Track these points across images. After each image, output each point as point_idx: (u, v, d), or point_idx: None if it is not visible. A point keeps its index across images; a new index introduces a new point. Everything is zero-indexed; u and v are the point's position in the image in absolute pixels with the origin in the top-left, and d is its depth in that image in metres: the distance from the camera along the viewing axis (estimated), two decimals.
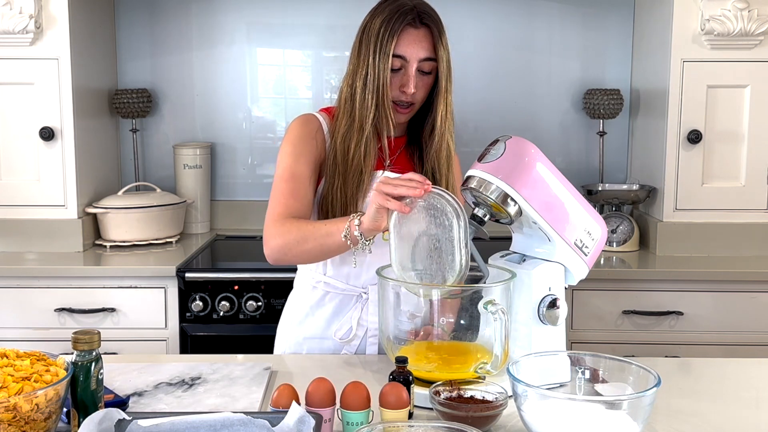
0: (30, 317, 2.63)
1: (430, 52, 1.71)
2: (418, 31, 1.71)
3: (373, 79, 1.70)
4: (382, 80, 1.70)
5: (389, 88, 1.71)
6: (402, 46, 1.69)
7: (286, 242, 1.66)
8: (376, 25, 1.70)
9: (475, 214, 1.51)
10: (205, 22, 3.23)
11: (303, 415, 1.20)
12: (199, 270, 2.64)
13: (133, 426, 1.18)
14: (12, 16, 2.69)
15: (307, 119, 1.82)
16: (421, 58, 1.71)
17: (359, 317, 1.80)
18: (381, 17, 1.70)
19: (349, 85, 1.75)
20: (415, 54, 1.70)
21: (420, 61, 1.71)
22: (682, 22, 2.75)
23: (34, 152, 2.80)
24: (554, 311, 1.51)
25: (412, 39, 1.70)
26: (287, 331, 1.90)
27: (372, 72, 1.70)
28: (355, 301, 1.81)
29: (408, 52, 1.70)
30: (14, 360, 1.26)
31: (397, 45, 1.69)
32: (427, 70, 1.73)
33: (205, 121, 3.29)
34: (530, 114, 3.27)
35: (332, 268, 1.82)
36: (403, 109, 1.75)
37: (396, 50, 1.69)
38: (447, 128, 1.80)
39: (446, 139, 1.80)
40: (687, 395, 1.55)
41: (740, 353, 2.59)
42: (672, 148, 2.80)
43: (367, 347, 1.81)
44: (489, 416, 1.32)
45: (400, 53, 1.70)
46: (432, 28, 1.72)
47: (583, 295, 2.63)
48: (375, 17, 1.72)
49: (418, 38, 1.70)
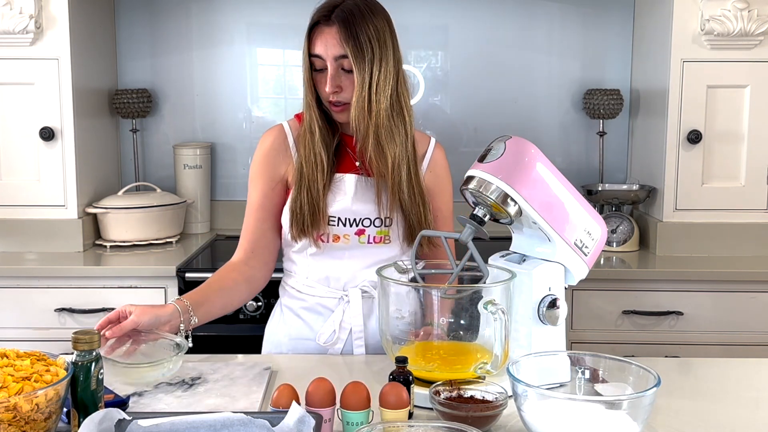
0: (30, 317, 2.63)
1: (341, 48, 1.68)
2: (330, 28, 1.69)
3: (304, 80, 1.73)
4: (307, 81, 1.72)
5: (313, 88, 1.73)
6: (316, 45, 1.70)
7: None
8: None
9: (475, 214, 1.51)
10: (205, 22, 3.23)
11: (303, 415, 1.20)
12: (199, 270, 2.64)
13: (133, 426, 1.18)
14: (12, 16, 2.69)
15: (264, 139, 1.84)
16: (336, 55, 1.68)
17: (341, 320, 1.80)
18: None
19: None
20: (329, 51, 1.68)
21: (336, 59, 1.69)
22: (682, 22, 2.75)
23: (34, 152, 2.80)
24: (554, 311, 1.51)
25: (324, 37, 1.69)
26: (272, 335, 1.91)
27: (305, 74, 1.72)
28: (336, 303, 1.81)
29: (322, 51, 1.69)
30: (14, 360, 1.26)
31: (313, 44, 1.70)
32: (347, 68, 1.69)
33: (205, 121, 3.29)
34: (530, 114, 3.27)
35: (313, 272, 1.82)
36: (336, 107, 1.73)
37: (312, 50, 1.70)
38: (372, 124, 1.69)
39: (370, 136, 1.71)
40: (687, 395, 1.55)
41: (740, 353, 2.59)
42: (672, 148, 2.80)
43: (354, 349, 1.81)
44: (489, 416, 1.32)
45: (316, 52, 1.70)
46: (340, 24, 1.67)
47: (583, 295, 2.63)
48: None
49: (330, 35, 1.68)
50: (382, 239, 1.79)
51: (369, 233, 1.78)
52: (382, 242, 1.79)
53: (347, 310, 1.80)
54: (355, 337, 1.80)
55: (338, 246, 1.78)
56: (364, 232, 1.77)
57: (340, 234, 1.77)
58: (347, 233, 1.77)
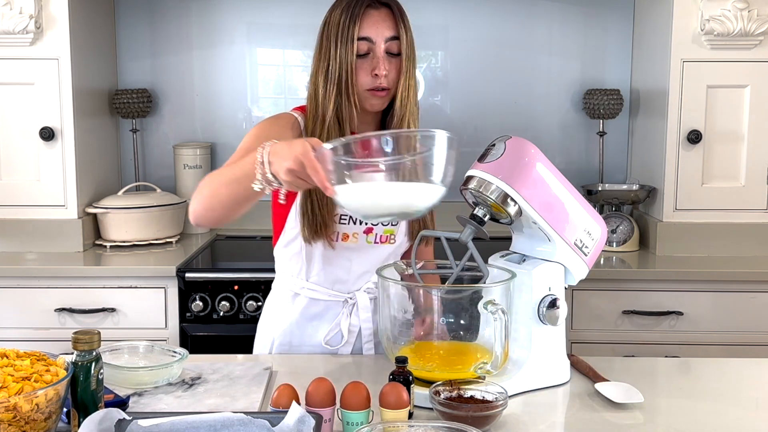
0: (30, 317, 2.62)
1: (395, 31, 1.70)
2: (379, 11, 1.70)
3: (336, 68, 1.69)
4: (346, 67, 1.68)
5: (355, 74, 1.69)
6: (366, 28, 1.69)
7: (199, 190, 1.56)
8: (336, 16, 1.71)
9: (475, 214, 1.51)
10: (205, 22, 3.23)
11: (303, 415, 1.20)
12: (199, 270, 2.64)
13: (133, 426, 1.18)
14: (12, 16, 2.69)
15: (279, 116, 1.80)
16: (387, 37, 1.70)
17: (349, 323, 1.78)
18: (340, 8, 1.71)
19: (312, 83, 1.75)
20: (380, 33, 1.69)
21: (387, 41, 1.70)
22: (682, 22, 2.75)
23: (34, 152, 2.80)
24: (554, 311, 1.51)
25: (375, 20, 1.69)
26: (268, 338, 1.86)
27: (334, 62, 1.69)
28: (341, 306, 1.80)
29: (373, 33, 1.69)
30: (14, 360, 1.26)
31: (361, 28, 1.68)
32: (395, 51, 1.71)
33: (205, 121, 3.29)
34: (530, 114, 3.27)
35: (317, 274, 1.79)
36: (380, 92, 1.72)
37: (360, 33, 1.68)
38: (408, 112, 1.74)
39: (407, 123, 1.75)
40: (687, 395, 1.55)
41: (740, 353, 2.59)
42: (672, 148, 2.80)
43: (364, 351, 1.80)
44: (489, 416, 1.32)
45: (365, 35, 1.69)
46: (393, 8, 1.71)
47: (583, 295, 2.63)
48: (334, 10, 1.73)
49: (380, 18, 1.70)
50: (387, 239, 1.79)
51: (377, 231, 1.77)
52: (387, 242, 1.79)
53: (354, 313, 1.79)
54: (366, 340, 1.80)
55: (346, 246, 1.76)
56: (372, 231, 1.77)
57: (350, 233, 1.76)
58: (356, 231, 1.76)
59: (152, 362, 1.58)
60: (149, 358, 1.60)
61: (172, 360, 1.56)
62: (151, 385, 1.51)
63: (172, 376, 1.54)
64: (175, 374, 1.54)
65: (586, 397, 1.50)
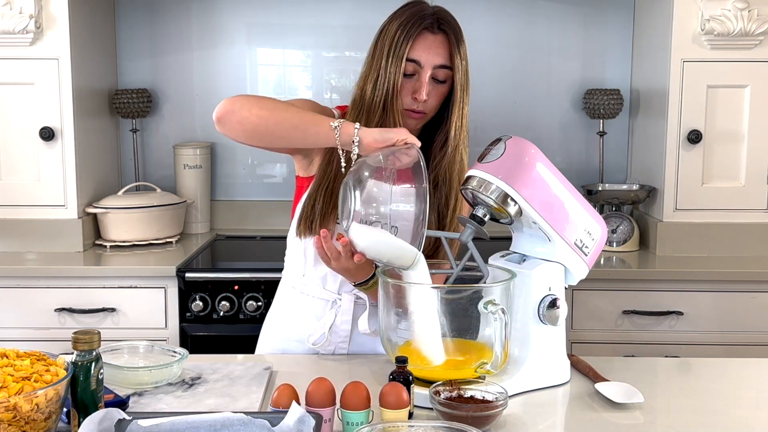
0: (30, 317, 2.63)
1: (446, 59, 1.68)
2: (435, 36, 1.68)
3: (383, 82, 1.67)
4: (392, 83, 1.66)
5: (399, 92, 1.67)
6: (417, 50, 1.66)
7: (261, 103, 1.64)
8: (392, 28, 1.68)
9: (475, 214, 1.51)
10: (205, 22, 3.23)
11: (303, 415, 1.20)
12: (199, 270, 2.64)
13: (133, 426, 1.18)
14: (12, 16, 2.69)
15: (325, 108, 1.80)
16: (436, 64, 1.67)
17: (332, 324, 1.77)
18: (399, 21, 1.68)
19: (360, 88, 1.73)
20: (430, 60, 1.67)
21: (434, 68, 1.67)
22: (682, 22, 2.75)
23: (34, 152, 2.80)
24: (554, 311, 1.51)
25: (428, 44, 1.67)
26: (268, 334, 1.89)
27: (383, 75, 1.67)
28: (330, 306, 1.79)
29: (423, 57, 1.67)
30: (14, 360, 1.26)
31: (412, 49, 1.66)
32: (442, 79, 1.69)
33: (205, 121, 3.28)
34: (530, 114, 3.27)
35: (309, 271, 1.79)
36: (417, 114, 1.70)
37: (410, 54, 1.66)
38: (461, 140, 1.73)
39: (460, 151, 1.74)
40: (687, 395, 1.55)
41: (740, 353, 2.59)
42: (672, 148, 2.80)
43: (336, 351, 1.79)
44: (489, 416, 1.32)
45: (415, 57, 1.66)
46: (450, 36, 1.68)
47: (583, 295, 2.63)
48: (393, 21, 1.69)
49: (434, 44, 1.67)
50: None
51: None
52: None
53: (339, 315, 1.78)
54: (340, 340, 1.78)
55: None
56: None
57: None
58: None
59: (152, 362, 1.58)
60: (149, 358, 1.60)
61: (172, 360, 1.56)
62: (151, 385, 1.51)
63: (172, 376, 1.54)
64: (175, 374, 1.54)
65: (586, 397, 1.50)
